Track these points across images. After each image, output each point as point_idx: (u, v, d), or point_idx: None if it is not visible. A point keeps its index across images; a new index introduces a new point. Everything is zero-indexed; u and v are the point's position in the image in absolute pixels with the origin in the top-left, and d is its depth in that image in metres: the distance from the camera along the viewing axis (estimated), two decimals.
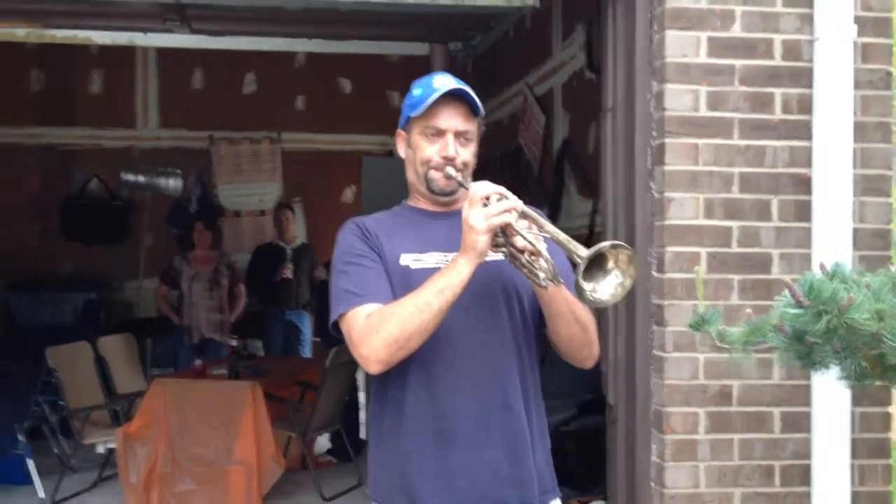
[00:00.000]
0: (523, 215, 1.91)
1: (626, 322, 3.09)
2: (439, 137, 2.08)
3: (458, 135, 2.09)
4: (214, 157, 9.16)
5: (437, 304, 1.91)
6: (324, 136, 9.09)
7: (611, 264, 1.82)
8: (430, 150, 2.09)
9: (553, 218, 5.55)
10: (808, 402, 2.93)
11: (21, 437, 5.82)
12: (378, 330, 1.94)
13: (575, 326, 2.04)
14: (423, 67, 7.84)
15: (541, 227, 1.91)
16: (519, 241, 1.90)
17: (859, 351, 1.90)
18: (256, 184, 9.23)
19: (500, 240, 1.93)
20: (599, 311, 2.32)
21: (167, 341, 7.55)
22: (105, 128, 8.97)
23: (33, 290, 8.36)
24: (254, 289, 7.71)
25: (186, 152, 9.06)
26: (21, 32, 5.05)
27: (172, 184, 8.98)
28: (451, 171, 2.07)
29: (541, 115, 6.33)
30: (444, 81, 2.08)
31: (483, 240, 1.90)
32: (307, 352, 7.90)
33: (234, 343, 6.19)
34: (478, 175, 2.11)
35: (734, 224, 2.99)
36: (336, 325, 2.05)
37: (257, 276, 7.74)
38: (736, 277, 2.96)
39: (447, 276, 1.93)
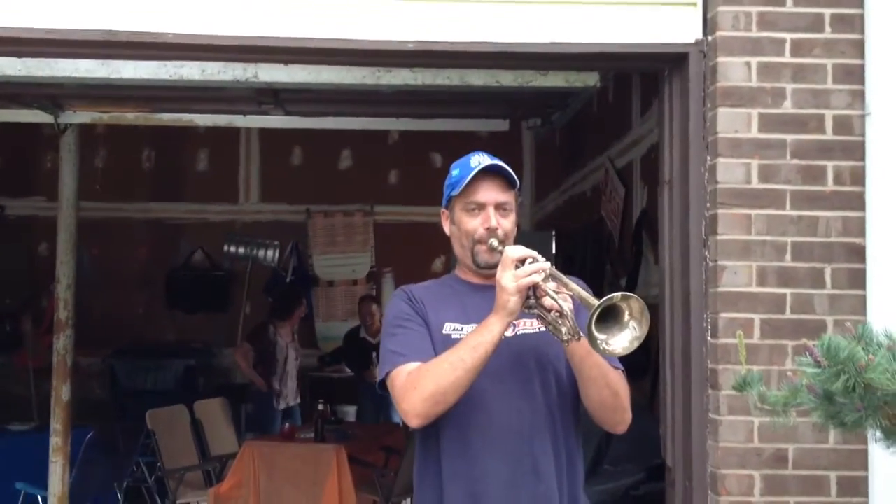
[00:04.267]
0: (552, 277, 2.08)
1: (682, 386, 3.18)
2: (480, 211, 2.25)
3: (498, 206, 2.26)
4: (310, 229, 9.56)
5: (470, 360, 2.07)
6: (415, 208, 9.36)
7: (626, 317, 1.96)
8: (474, 224, 2.26)
9: (632, 287, 5.66)
10: (865, 467, 2.96)
11: (120, 497, 6.12)
12: (416, 385, 2.11)
13: (606, 391, 2.16)
14: (509, 142, 8.11)
15: (566, 287, 2.07)
16: (546, 301, 2.06)
17: (880, 410, 1.99)
18: (350, 254, 9.56)
19: (532, 301, 2.10)
20: (656, 376, 2.43)
21: (261, 406, 7.82)
22: (210, 203, 9.48)
23: (137, 356, 8.81)
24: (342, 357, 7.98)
25: (284, 225, 9.50)
26: (130, 116, 5.48)
27: (270, 255, 9.41)
28: (493, 242, 2.23)
29: (620, 188, 6.47)
30: (480, 159, 2.27)
31: (513, 300, 2.06)
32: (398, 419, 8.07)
33: (320, 407, 6.41)
34: (563, 246, 2.26)
35: (788, 291, 3.08)
36: (383, 384, 2.23)
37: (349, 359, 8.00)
38: (790, 343, 3.03)
39: (480, 335, 2.10)
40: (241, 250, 9.38)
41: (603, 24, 3.22)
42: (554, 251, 7.03)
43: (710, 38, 3.19)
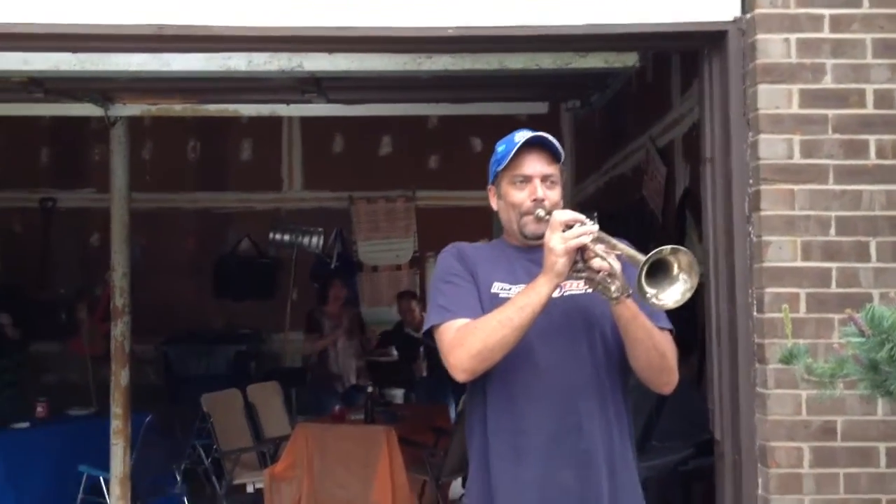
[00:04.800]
0: (599, 239, 2.13)
1: (729, 360, 3.22)
2: (527, 184, 2.31)
3: (544, 179, 2.31)
4: (353, 216, 9.67)
5: (517, 320, 2.14)
6: (456, 192, 9.42)
7: (675, 270, 2.00)
8: (521, 196, 2.32)
9: None
10: None
11: (178, 478, 6.30)
12: (464, 342, 2.18)
13: (653, 352, 2.21)
14: (549, 124, 8.13)
15: (614, 247, 2.12)
16: (596, 262, 2.11)
17: None
18: (393, 240, 9.66)
19: (580, 264, 2.15)
20: (703, 353, 2.46)
21: (311, 389, 7.97)
22: (255, 191, 9.62)
23: (189, 343, 9.01)
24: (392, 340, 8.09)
25: (328, 212, 9.62)
26: (178, 108, 5.60)
27: (315, 241, 9.53)
28: (541, 212, 2.29)
29: (662, 167, 6.48)
30: (523, 134, 2.33)
31: (562, 262, 2.12)
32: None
33: (370, 389, 6.52)
34: (605, 226, 2.31)
35: (833, 265, 3.10)
36: (430, 333, 2.30)
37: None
38: (836, 317, 3.06)
39: (527, 296, 2.16)
40: (287, 237, 9.50)
41: (641, 4, 3.25)
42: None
43: (748, 15, 3.21)
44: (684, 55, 5.40)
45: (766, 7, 3.16)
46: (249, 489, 6.64)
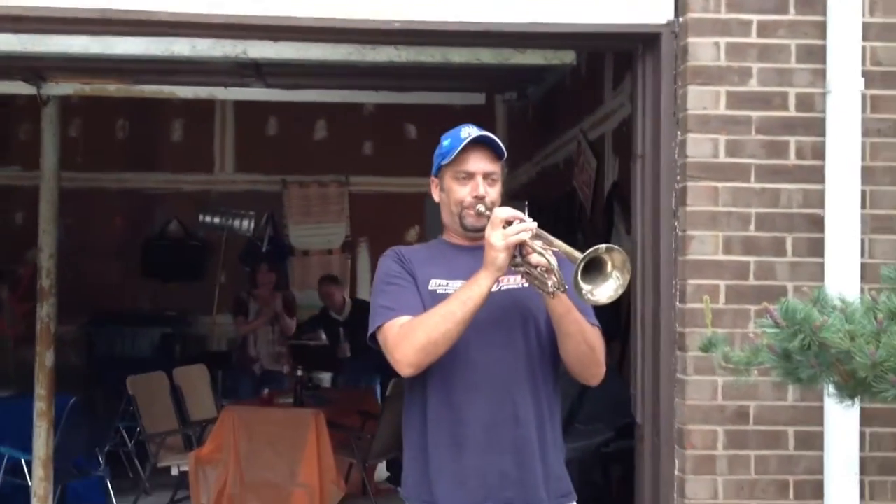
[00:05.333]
0: (537, 235, 2.24)
1: (651, 348, 3.38)
2: (469, 180, 2.41)
3: (486, 176, 2.41)
4: (286, 200, 9.66)
5: (459, 313, 2.24)
6: (390, 178, 9.49)
7: (609, 268, 2.13)
8: (463, 192, 2.42)
9: None
10: (820, 422, 3.18)
11: (101, 461, 6.24)
12: (408, 337, 2.27)
13: (583, 346, 2.34)
14: (483, 115, 8.24)
15: (551, 244, 2.23)
16: (534, 258, 2.22)
17: (833, 367, 2.19)
18: (325, 224, 9.68)
19: (518, 259, 2.26)
20: (625, 341, 2.60)
21: (236, 373, 7.99)
22: (184, 172, 9.53)
23: (114, 324, 8.90)
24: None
25: (260, 195, 9.59)
26: (112, 88, 5.55)
27: (246, 225, 9.50)
28: (481, 208, 2.40)
29: (592, 160, 6.65)
30: (469, 131, 2.42)
31: (502, 257, 2.23)
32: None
33: (299, 373, 6.57)
34: (535, 215, 2.42)
35: (751, 259, 3.28)
36: (374, 337, 2.39)
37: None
38: (753, 308, 3.23)
39: (469, 290, 2.26)
40: (217, 220, 9.45)
41: (580, 5, 3.37)
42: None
43: (681, 18, 3.35)
44: (617, 53, 5.56)
45: (698, 11, 3.31)
46: (174, 472, 6.63)
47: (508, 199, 7.96)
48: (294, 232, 9.68)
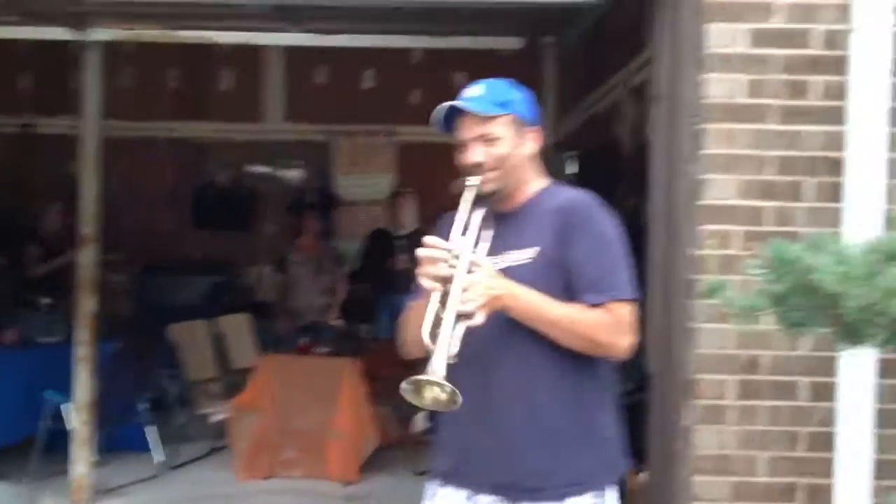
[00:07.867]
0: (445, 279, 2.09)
1: (662, 296, 3.29)
2: (465, 148, 2.30)
3: (480, 138, 2.28)
4: (333, 150, 9.64)
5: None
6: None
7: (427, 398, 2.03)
8: (462, 161, 2.31)
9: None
10: (835, 373, 3.07)
11: (144, 406, 6.35)
12: (400, 331, 2.30)
13: (577, 342, 2.17)
14: (530, 60, 8.08)
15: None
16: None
17: (823, 311, 2.08)
18: (372, 175, 9.65)
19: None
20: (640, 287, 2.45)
21: (280, 323, 8.05)
22: (233, 122, 9.57)
23: (165, 273, 9.01)
24: (365, 275, 8.10)
25: (308, 145, 9.57)
26: (153, 32, 5.56)
27: (294, 175, 9.53)
28: (469, 180, 2.25)
29: (635, 107, 6.49)
30: (441, 107, 2.30)
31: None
32: None
33: (337, 323, 6.59)
34: (582, 165, 2.25)
35: (769, 204, 3.15)
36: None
37: (368, 264, 8.10)
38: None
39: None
40: (265, 170, 9.50)
41: None
42: (574, 171, 7.10)
43: None
44: None
45: None
46: (215, 419, 6.73)
47: (556, 148, 7.85)
48: (342, 183, 9.67)
